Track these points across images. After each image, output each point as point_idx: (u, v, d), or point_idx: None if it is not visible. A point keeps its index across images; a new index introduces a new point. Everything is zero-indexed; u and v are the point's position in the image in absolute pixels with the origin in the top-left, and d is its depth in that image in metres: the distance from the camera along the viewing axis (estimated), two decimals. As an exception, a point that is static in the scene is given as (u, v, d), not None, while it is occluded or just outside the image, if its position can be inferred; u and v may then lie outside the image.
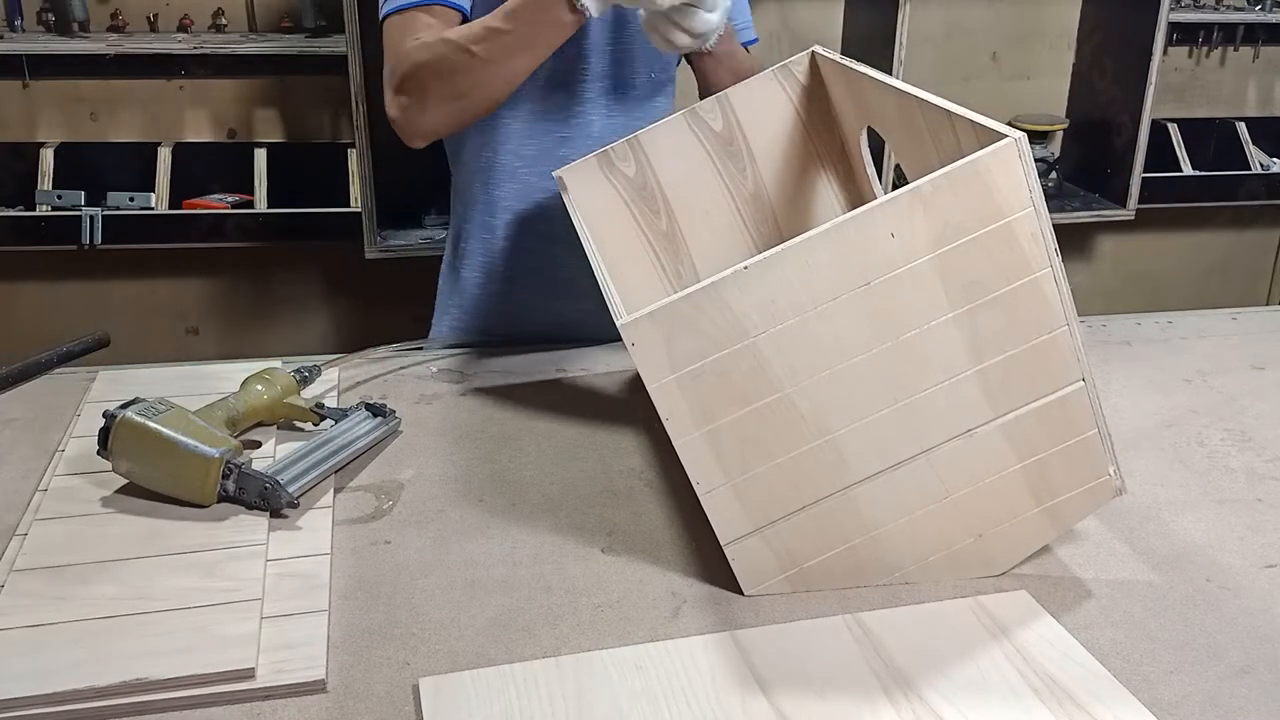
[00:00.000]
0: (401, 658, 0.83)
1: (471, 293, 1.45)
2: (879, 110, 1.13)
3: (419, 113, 1.22)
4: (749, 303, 0.81)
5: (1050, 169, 2.85)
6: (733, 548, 0.89)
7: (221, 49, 2.43)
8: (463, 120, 1.28)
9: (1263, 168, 3.01)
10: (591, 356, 1.39)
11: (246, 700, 0.79)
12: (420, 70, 1.20)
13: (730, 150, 1.27)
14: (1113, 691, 0.79)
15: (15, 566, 0.90)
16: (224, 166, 2.56)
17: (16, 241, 2.43)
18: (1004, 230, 0.81)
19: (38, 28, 2.50)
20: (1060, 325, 0.84)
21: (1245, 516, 1.04)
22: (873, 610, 0.88)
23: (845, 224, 0.80)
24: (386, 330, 1.57)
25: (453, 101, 1.21)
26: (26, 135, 2.54)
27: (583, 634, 0.86)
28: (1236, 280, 3.33)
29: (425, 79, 1.20)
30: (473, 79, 1.18)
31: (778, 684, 0.80)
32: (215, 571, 0.90)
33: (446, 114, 1.24)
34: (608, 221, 1.24)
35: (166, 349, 2.73)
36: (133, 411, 1.00)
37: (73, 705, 0.77)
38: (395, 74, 1.23)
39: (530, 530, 1.01)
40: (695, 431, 0.84)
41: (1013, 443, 0.87)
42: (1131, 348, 1.42)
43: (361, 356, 1.33)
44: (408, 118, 1.23)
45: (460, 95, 1.20)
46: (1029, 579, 0.93)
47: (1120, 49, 2.77)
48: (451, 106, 1.22)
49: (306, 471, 1.03)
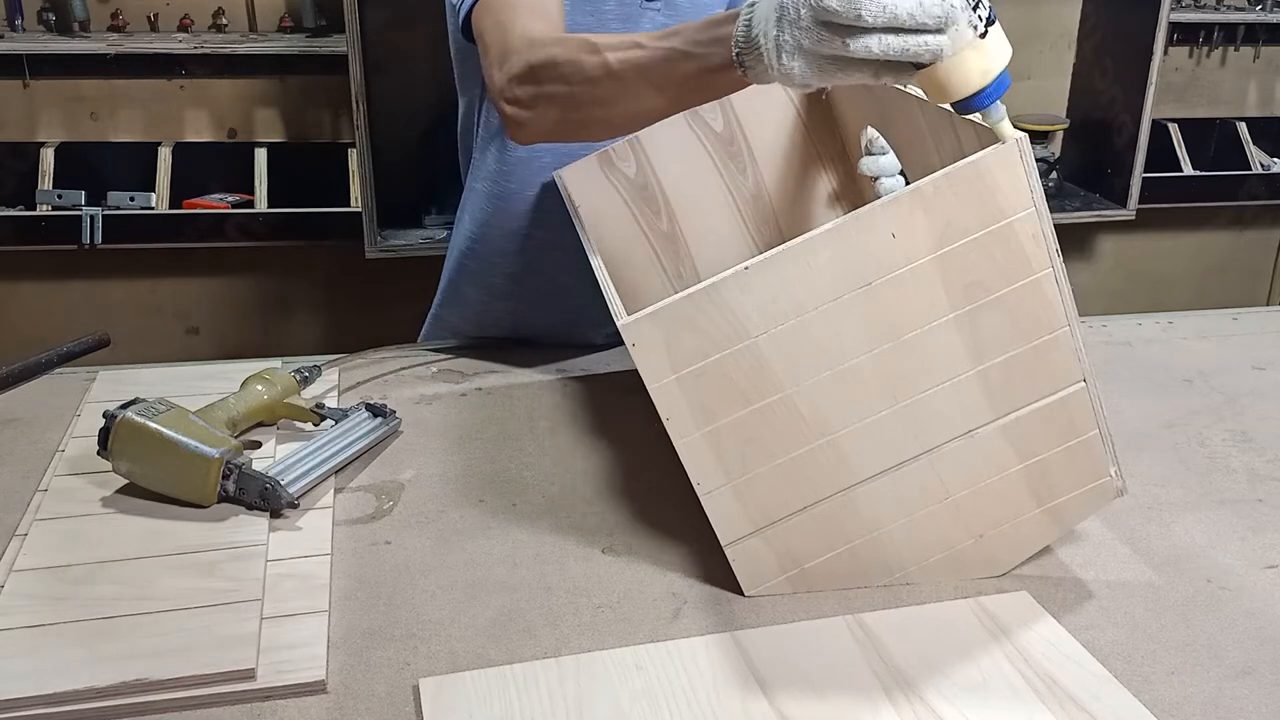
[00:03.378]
0: (402, 658, 0.83)
1: (470, 303, 1.44)
2: (879, 110, 1.13)
3: (539, 117, 1.03)
4: (750, 303, 0.81)
5: (1050, 169, 2.85)
6: (733, 548, 0.89)
7: (222, 49, 2.43)
8: (577, 138, 1.15)
9: (1263, 168, 3.01)
10: (591, 356, 1.39)
11: (246, 701, 0.78)
12: (554, 71, 1.00)
13: (731, 150, 1.27)
14: (1113, 692, 0.79)
15: (15, 566, 0.90)
16: (224, 166, 2.56)
17: (16, 241, 2.43)
18: (1005, 231, 0.81)
19: (38, 27, 2.49)
20: (1061, 326, 0.84)
21: (1246, 517, 1.04)
22: (874, 611, 0.88)
23: (846, 224, 0.80)
24: (386, 330, 1.57)
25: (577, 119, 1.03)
26: (27, 135, 2.54)
27: (583, 634, 0.86)
28: (1237, 280, 3.33)
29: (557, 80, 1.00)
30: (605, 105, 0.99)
31: (778, 684, 0.79)
32: (215, 571, 0.90)
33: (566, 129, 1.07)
34: (608, 221, 1.24)
35: (166, 349, 2.73)
36: (133, 411, 1.00)
37: (73, 705, 0.76)
38: (511, 60, 1.04)
39: (530, 530, 1.01)
40: (695, 432, 0.84)
41: (1014, 443, 0.87)
42: (1132, 348, 1.42)
43: (361, 357, 1.33)
44: (526, 115, 1.03)
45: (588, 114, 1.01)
46: (1030, 580, 0.93)
47: (1120, 49, 2.77)
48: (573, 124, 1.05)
49: (307, 472, 1.03)
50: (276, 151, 2.55)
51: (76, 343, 1.36)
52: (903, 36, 0.72)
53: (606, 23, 1.28)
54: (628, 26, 1.29)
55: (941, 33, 0.72)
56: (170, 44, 2.44)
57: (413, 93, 2.53)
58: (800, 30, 0.73)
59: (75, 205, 2.42)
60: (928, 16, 0.71)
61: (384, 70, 2.50)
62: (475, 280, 1.41)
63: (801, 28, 0.73)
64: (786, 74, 0.78)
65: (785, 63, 0.76)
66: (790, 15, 0.74)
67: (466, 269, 1.41)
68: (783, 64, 0.77)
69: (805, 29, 0.73)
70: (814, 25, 0.73)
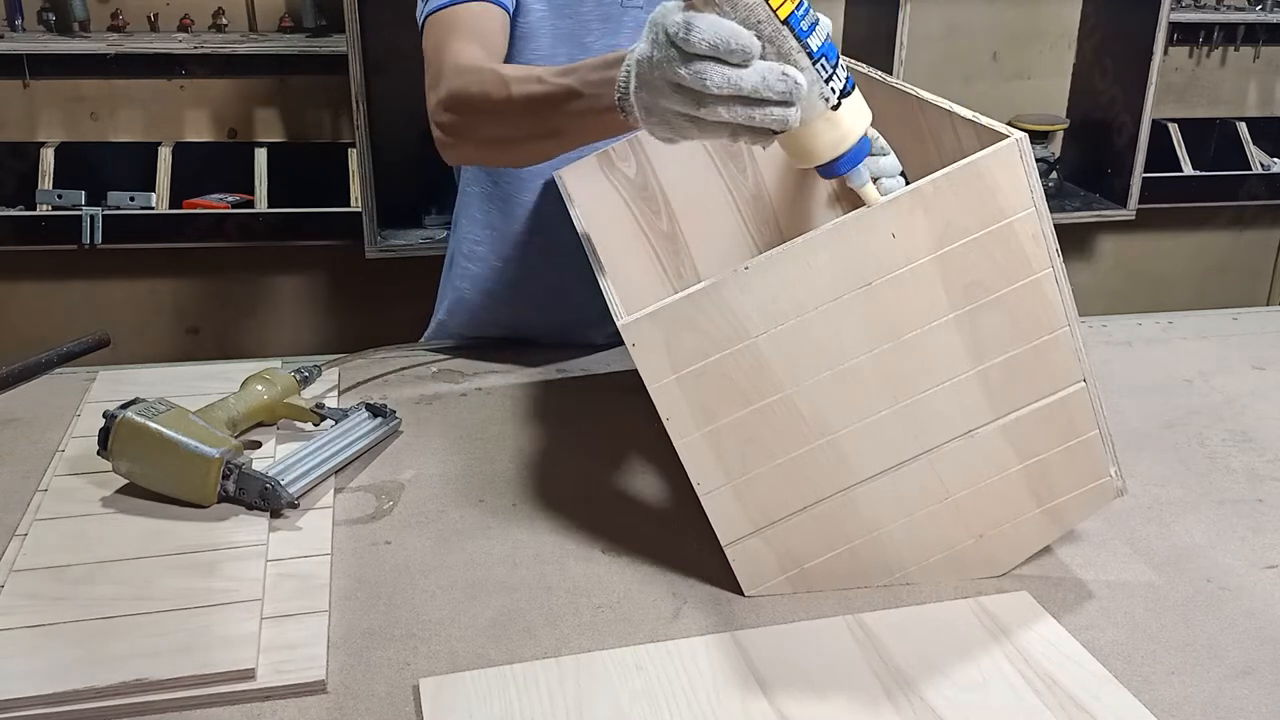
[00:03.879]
0: (402, 658, 0.83)
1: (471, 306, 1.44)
2: (879, 110, 1.12)
3: (459, 142, 1.09)
4: (750, 303, 0.81)
5: (1050, 169, 2.85)
6: (733, 548, 0.89)
7: (222, 49, 2.43)
8: (498, 165, 1.19)
9: (1263, 168, 3.01)
10: (591, 357, 1.39)
11: (246, 701, 0.78)
12: (468, 101, 1.05)
13: (731, 150, 1.27)
14: (1113, 692, 0.79)
15: (15, 566, 0.90)
16: (224, 166, 2.56)
17: (16, 241, 2.43)
18: (1005, 231, 0.81)
19: (38, 27, 2.49)
20: (1061, 326, 0.84)
21: (1246, 517, 1.04)
22: (874, 611, 0.88)
23: (846, 224, 0.80)
24: (386, 330, 1.57)
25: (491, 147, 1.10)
26: (27, 135, 2.54)
27: (583, 634, 0.86)
28: (1237, 280, 3.33)
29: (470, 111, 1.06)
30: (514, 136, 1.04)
31: (778, 684, 0.79)
32: (215, 571, 0.90)
33: (485, 156, 1.14)
34: (608, 221, 1.24)
35: (166, 349, 2.73)
36: (133, 411, 1.00)
37: (73, 705, 0.76)
38: (440, 85, 1.10)
39: (530, 530, 1.01)
40: (696, 432, 0.84)
41: (1014, 443, 0.87)
42: (1132, 348, 1.42)
43: (362, 356, 1.33)
44: (449, 140, 1.09)
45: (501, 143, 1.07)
46: (1030, 579, 0.93)
47: (1120, 49, 2.77)
48: (490, 152, 1.12)
49: (307, 472, 1.03)
50: (276, 151, 2.55)
51: (76, 343, 1.36)
52: (751, 107, 0.73)
53: (588, 25, 1.28)
54: (609, 27, 1.29)
55: (790, 105, 0.74)
56: (170, 44, 2.44)
57: (413, 93, 2.50)
58: (656, 91, 0.75)
59: (75, 205, 2.42)
60: (771, 90, 0.72)
61: (384, 70, 2.50)
62: (476, 283, 1.41)
63: (656, 89, 0.75)
64: (649, 129, 0.80)
65: (645, 119, 0.78)
66: (646, 76, 0.76)
67: (468, 272, 1.42)
68: (645, 119, 0.79)
69: (660, 90, 0.74)
70: (667, 88, 0.75)
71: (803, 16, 0.73)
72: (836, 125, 0.76)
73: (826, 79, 0.74)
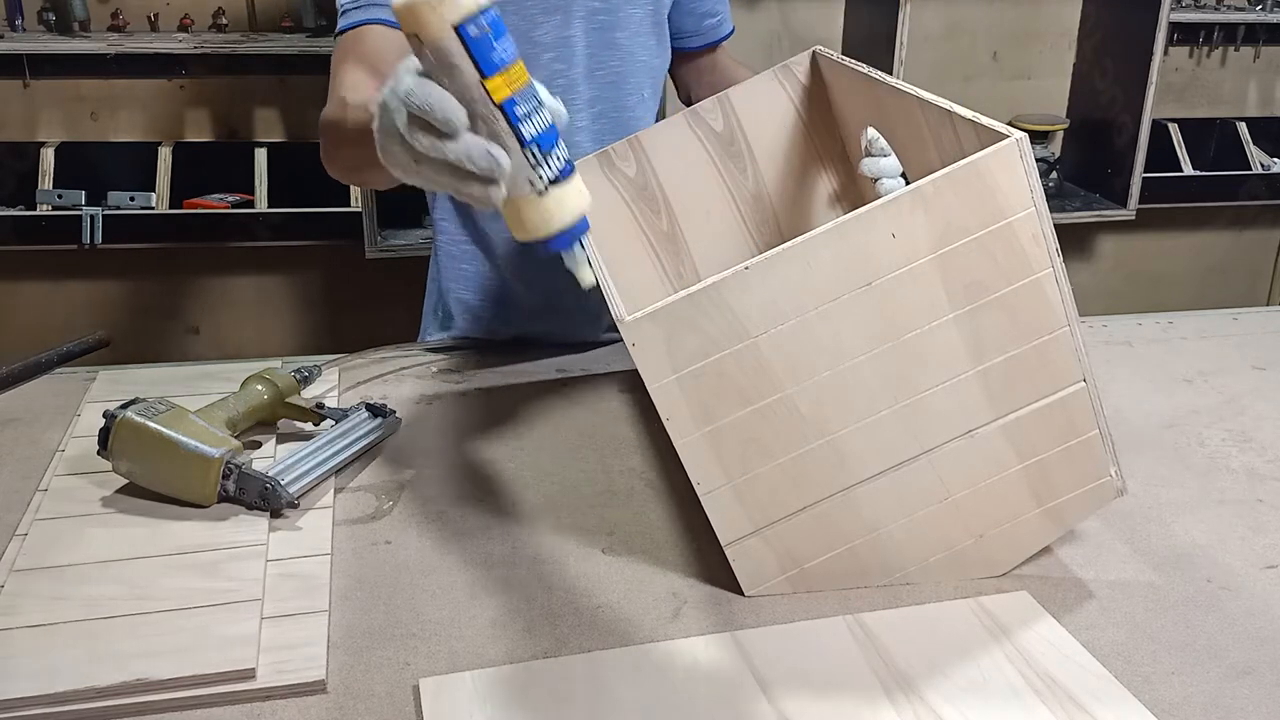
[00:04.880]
0: (402, 658, 0.83)
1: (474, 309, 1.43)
2: (880, 110, 1.13)
3: (329, 165, 1.13)
4: (750, 303, 0.81)
5: (1050, 169, 2.85)
6: (733, 548, 0.89)
7: (222, 49, 2.43)
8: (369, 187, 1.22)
9: (1263, 168, 3.01)
10: (591, 356, 1.39)
11: (247, 700, 0.78)
12: (326, 127, 1.09)
13: (731, 150, 1.27)
14: (1114, 692, 0.79)
15: (15, 566, 0.90)
16: (224, 166, 2.56)
17: (17, 241, 2.43)
18: (1005, 231, 0.81)
19: (38, 27, 2.49)
20: (1061, 326, 0.84)
21: (1246, 517, 1.04)
22: (873, 611, 0.88)
23: (846, 224, 0.80)
24: (386, 330, 1.57)
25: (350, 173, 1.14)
26: (27, 135, 2.54)
27: (583, 634, 0.86)
28: (1237, 280, 3.33)
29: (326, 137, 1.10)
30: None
31: (778, 684, 0.79)
32: (215, 571, 0.90)
33: (350, 179, 1.18)
34: (608, 221, 1.24)
35: (166, 349, 2.73)
36: (133, 411, 1.00)
37: (73, 705, 0.76)
38: (325, 110, 1.11)
39: (530, 530, 1.01)
40: (696, 432, 0.84)
41: (1014, 443, 0.87)
42: (1132, 348, 1.42)
43: (361, 356, 1.33)
44: (324, 162, 1.13)
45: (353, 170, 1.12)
46: (1030, 579, 0.93)
47: (1121, 49, 2.77)
48: (351, 177, 1.16)
49: (307, 472, 1.03)
50: (276, 151, 2.54)
51: (76, 343, 1.36)
52: (456, 177, 0.74)
53: (533, 18, 1.26)
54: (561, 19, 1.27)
55: (493, 182, 0.74)
56: (170, 44, 2.43)
57: (412, 93, 2.53)
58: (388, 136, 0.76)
59: (75, 205, 2.42)
60: (475, 165, 0.73)
61: (384, 70, 2.50)
62: (473, 285, 1.42)
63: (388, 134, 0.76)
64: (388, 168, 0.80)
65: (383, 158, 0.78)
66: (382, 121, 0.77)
67: (463, 274, 1.41)
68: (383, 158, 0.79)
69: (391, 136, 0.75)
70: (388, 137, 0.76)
71: (520, 102, 0.73)
72: (542, 210, 0.76)
73: (534, 165, 0.75)
